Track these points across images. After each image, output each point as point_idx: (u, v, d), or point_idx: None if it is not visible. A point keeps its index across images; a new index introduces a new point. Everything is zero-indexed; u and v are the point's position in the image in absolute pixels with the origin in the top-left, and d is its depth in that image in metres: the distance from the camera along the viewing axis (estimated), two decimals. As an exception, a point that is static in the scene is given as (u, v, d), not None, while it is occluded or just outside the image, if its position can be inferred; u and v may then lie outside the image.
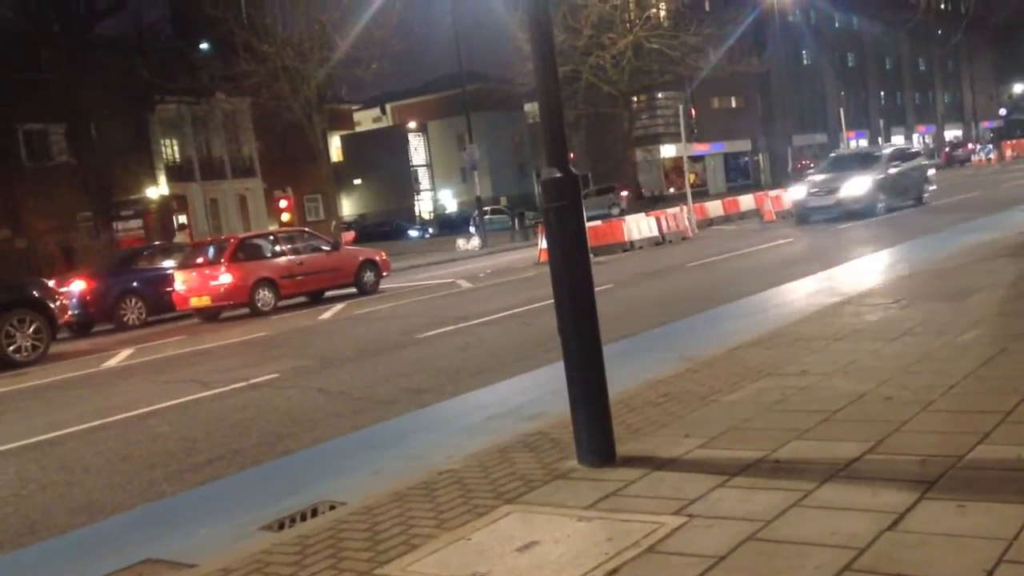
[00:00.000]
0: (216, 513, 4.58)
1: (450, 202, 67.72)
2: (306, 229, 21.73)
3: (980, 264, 9.23)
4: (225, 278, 16.13)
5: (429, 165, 68.92)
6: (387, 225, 52.86)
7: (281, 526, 4.09)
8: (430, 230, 53.93)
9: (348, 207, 62.20)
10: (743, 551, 2.93)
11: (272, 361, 9.94)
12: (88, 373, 11.19)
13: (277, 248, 17.35)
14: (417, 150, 68.19)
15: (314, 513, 4.20)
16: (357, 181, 62.87)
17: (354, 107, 61.36)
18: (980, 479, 3.28)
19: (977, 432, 3.75)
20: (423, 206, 67.78)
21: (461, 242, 32.84)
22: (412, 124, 67.24)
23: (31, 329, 12.79)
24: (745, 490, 3.49)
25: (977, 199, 22.35)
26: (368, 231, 49.62)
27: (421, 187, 68.60)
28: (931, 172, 23.39)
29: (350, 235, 38.66)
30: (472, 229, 35.58)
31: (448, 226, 50.17)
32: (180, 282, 16.72)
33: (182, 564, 3.76)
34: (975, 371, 4.85)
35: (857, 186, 20.12)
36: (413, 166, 67.46)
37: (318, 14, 30.36)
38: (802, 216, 21.14)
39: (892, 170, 21.05)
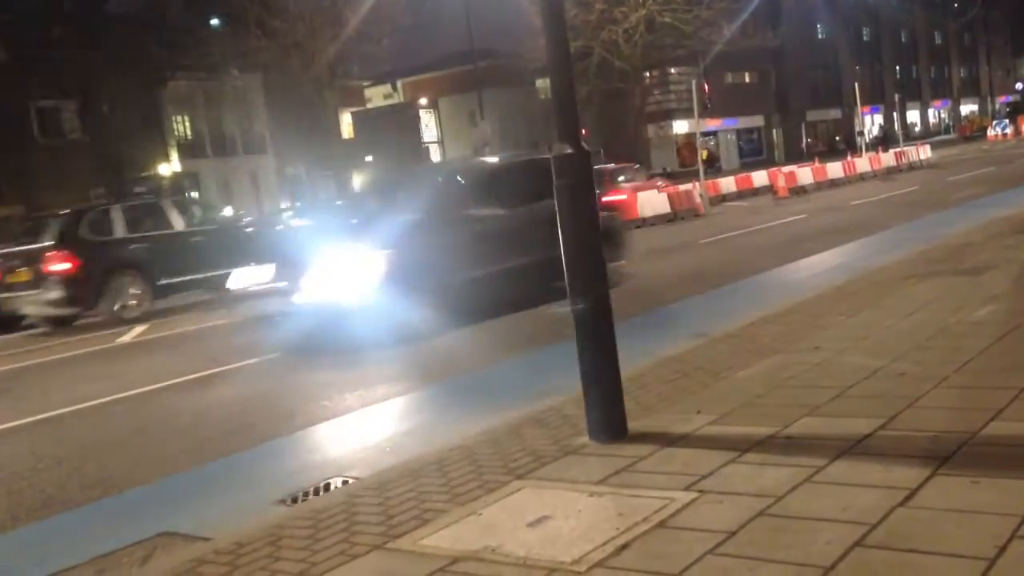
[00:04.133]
0: (231, 487, 4.62)
1: (462, 179, 67.55)
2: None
3: (995, 240, 9.16)
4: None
5: (440, 142, 68.75)
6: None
7: (295, 500, 4.12)
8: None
9: (360, 185, 62.17)
10: (753, 526, 2.93)
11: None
12: (102, 349, 11.26)
13: None
14: (428, 126, 67.97)
15: (328, 488, 4.23)
16: (368, 158, 62.83)
17: (365, 83, 61.20)
18: (993, 455, 3.26)
19: (990, 408, 3.73)
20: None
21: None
22: (423, 100, 67.02)
23: None
24: (756, 466, 3.49)
25: (993, 174, 22.14)
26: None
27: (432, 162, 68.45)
28: None
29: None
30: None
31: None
32: None
33: (197, 537, 3.79)
34: (989, 347, 4.82)
35: None
36: (424, 143, 67.29)
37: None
38: None
39: None
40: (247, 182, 41.87)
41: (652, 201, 22.27)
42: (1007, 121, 54.67)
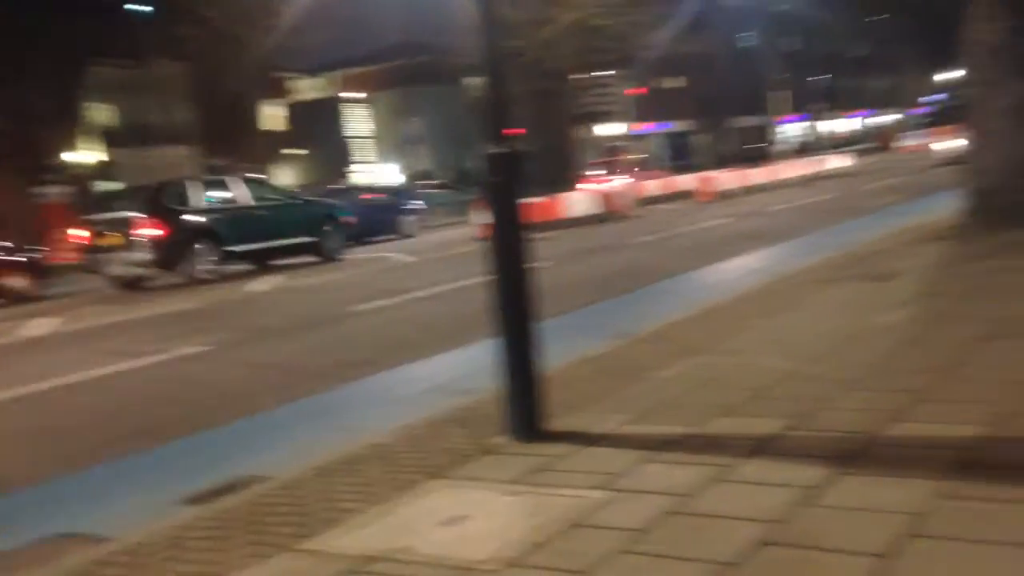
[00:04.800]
0: (135, 487, 4.48)
1: (396, 176, 67.10)
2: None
3: (905, 247, 9.46)
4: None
5: (373, 136, 68.12)
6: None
7: (202, 500, 4.00)
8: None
9: (287, 178, 61.25)
10: (665, 524, 2.96)
11: (200, 333, 9.74)
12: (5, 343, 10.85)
13: None
14: (360, 121, 67.30)
15: (236, 488, 4.12)
16: (298, 151, 61.87)
17: (297, 76, 60.24)
18: (894, 455, 3.35)
19: (894, 410, 3.84)
20: (363, 179, 67.03)
21: (401, 216, 32.53)
22: (356, 94, 66.31)
23: None
24: (670, 465, 3.53)
25: (907, 183, 22.89)
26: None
27: (366, 159, 67.80)
28: None
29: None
30: (413, 203, 35.24)
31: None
32: None
33: (97, 538, 3.66)
34: (895, 351, 4.96)
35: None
36: (356, 137, 66.61)
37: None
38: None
39: None
40: (168, 173, 40.80)
41: (581, 202, 22.45)
42: (923, 130, 56.53)
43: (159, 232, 15.22)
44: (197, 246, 15.67)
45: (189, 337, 9.39)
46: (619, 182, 29.60)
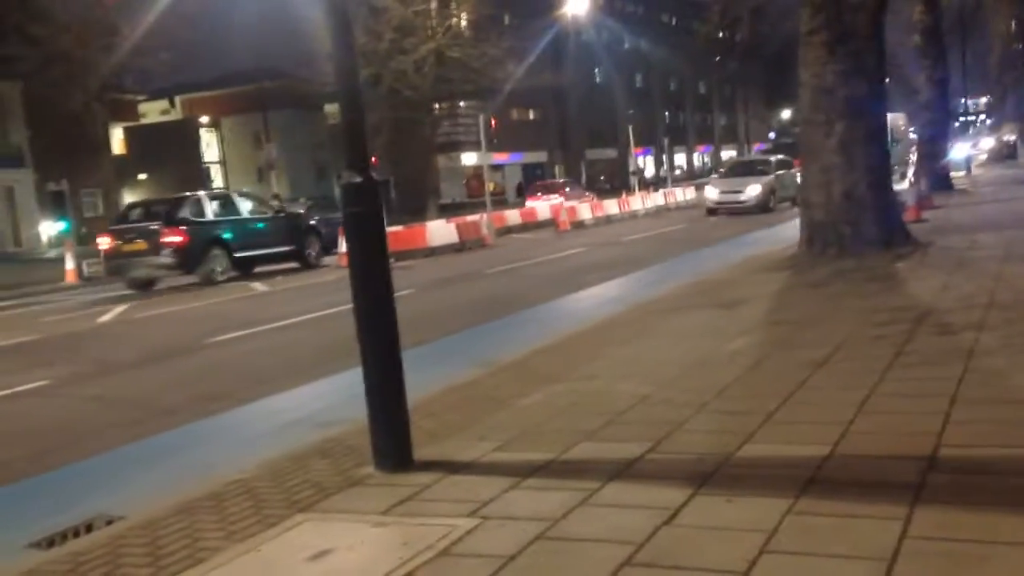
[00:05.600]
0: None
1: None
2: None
3: (749, 276, 10.02)
4: None
5: (223, 162, 66.13)
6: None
7: (52, 543, 3.79)
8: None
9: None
10: (532, 550, 3.03)
11: (42, 367, 9.18)
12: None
13: None
14: (210, 146, 65.24)
15: (89, 529, 3.93)
16: (142, 176, 59.31)
17: (140, 98, 57.87)
18: (746, 475, 3.56)
19: (745, 432, 4.08)
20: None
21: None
22: (205, 118, 64.28)
23: None
24: (536, 491, 3.62)
25: (750, 216, 24.18)
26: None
27: (214, 185, 65.76)
28: (798, 178, 25.91)
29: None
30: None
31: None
32: None
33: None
34: (743, 375, 5.26)
35: (755, 189, 25.01)
36: (205, 162, 64.49)
37: (100, -1, 28.42)
38: (712, 211, 25.82)
39: (779, 176, 25.76)
40: (4, 196, 38.28)
41: (441, 231, 22.55)
42: None
43: (180, 239, 17.51)
44: (213, 252, 18.02)
45: (31, 371, 8.84)
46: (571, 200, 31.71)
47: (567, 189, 38.02)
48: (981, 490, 3.14)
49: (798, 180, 23.99)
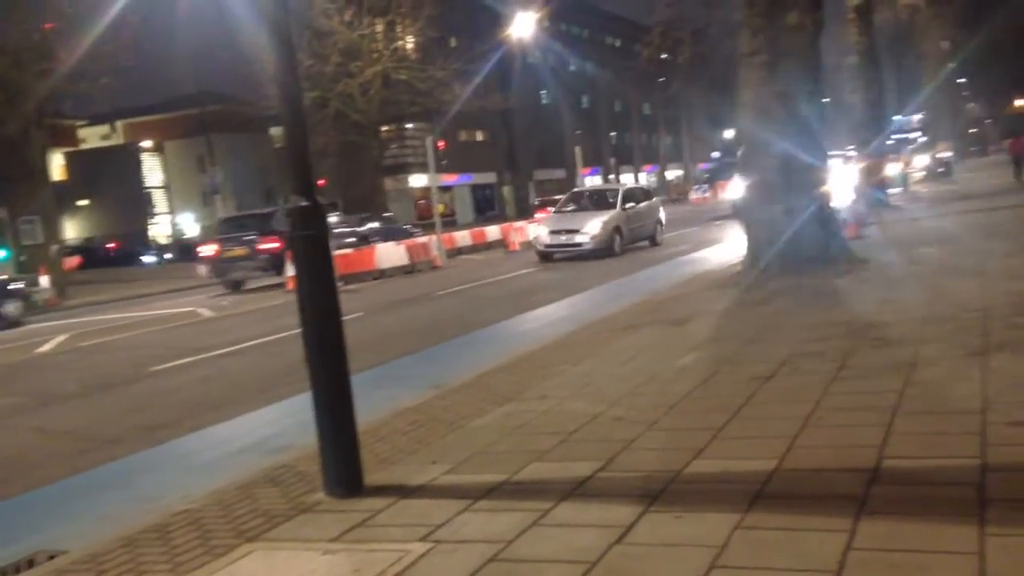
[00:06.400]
0: None
1: (190, 226, 64.33)
2: None
3: (697, 293, 10.16)
4: None
5: (166, 187, 65.14)
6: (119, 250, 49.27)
7: (-10, 583, 3.68)
8: (167, 255, 50.81)
9: (73, 230, 57.34)
10: (485, 573, 3.03)
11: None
12: None
13: None
14: (152, 170, 64.24)
15: (31, 564, 3.83)
16: (83, 202, 58.14)
17: (80, 123, 56.91)
18: (695, 491, 3.61)
19: (693, 448, 4.13)
20: (160, 230, 63.88)
21: (202, 269, 31.21)
22: (147, 143, 63.32)
23: None
24: (488, 513, 3.61)
25: (696, 233, 24.52)
26: (96, 256, 45.92)
27: (157, 210, 64.67)
28: (662, 213, 23.13)
29: (74, 261, 35.67)
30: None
31: (188, 252, 47.63)
32: None
33: None
34: (692, 391, 5.33)
35: (595, 226, 19.77)
36: (147, 187, 63.45)
37: (39, 23, 27.82)
38: (544, 255, 20.54)
39: (628, 210, 20.98)
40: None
41: (391, 253, 22.46)
42: (707, 185, 60.84)
43: (276, 246, 20.45)
44: None
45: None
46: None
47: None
48: (922, 500, 3.22)
49: (660, 215, 22.48)
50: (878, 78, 23.30)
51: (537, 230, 21.70)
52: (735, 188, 23.43)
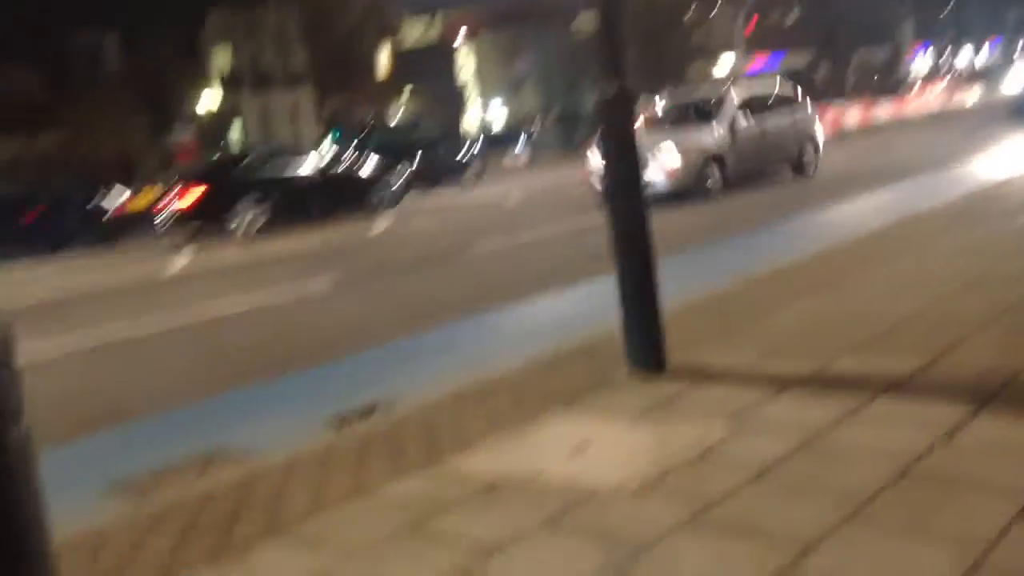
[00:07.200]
0: (276, 411, 4.76)
1: (499, 117, 66.94)
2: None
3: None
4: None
5: (477, 78, 67.94)
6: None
7: (341, 424, 4.22)
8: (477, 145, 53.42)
9: (402, 120, 61.83)
10: (794, 459, 2.96)
11: (325, 271, 10.10)
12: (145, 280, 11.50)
13: None
14: (465, 63, 67.15)
15: (372, 413, 4.33)
16: (403, 93, 62.33)
17: (406, 18, 60.45)
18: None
19: (1036, 350, 3.71)
20: (471, 120, 67.14)
21: (509, 160, 32.48)
22: (461, 35, 66.08)
23: None
24: (797, 402, 3.51)
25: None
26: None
27: (469, 101, 67.82)
28: (818, 128, 15.77)
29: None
30: (521, 146, 35.16)
31: (497, 142, 49.70)
32: None
33: (248, 453, 3.92)
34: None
35: (671, 155, 12.95)
36: (460, 80, 66.56)
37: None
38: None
39: (741, 126, 13.91)
40: (287, 116, 41.73)
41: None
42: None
43: None
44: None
45: (317, 275, 9.78)
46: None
47: None
48: None
49: (815, 130, 15.04)
50: None
51: (592, 161, 13.34)
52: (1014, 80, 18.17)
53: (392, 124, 37.01)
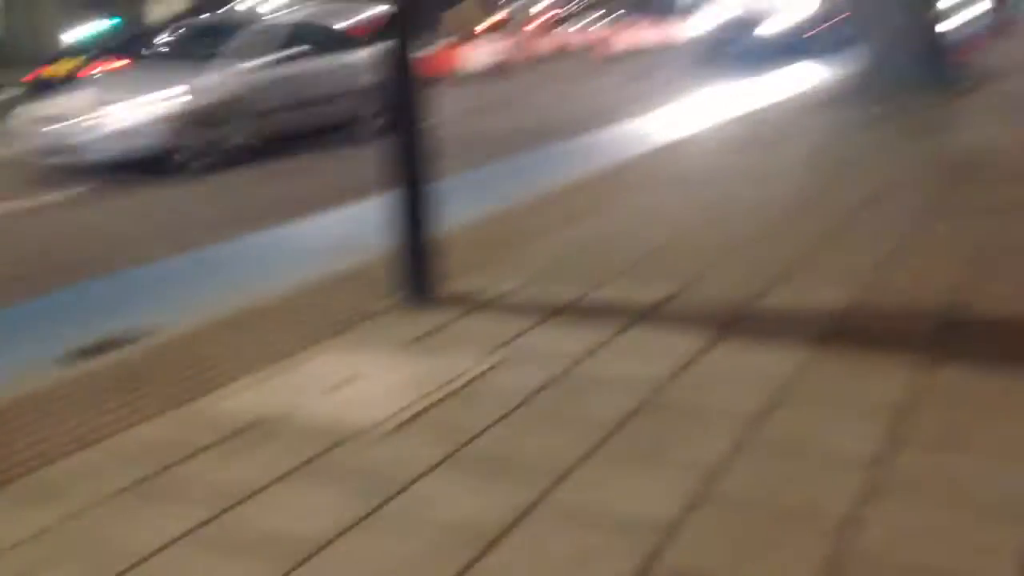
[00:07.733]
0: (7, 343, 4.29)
1: None
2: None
3: (802, 115, 9.58)
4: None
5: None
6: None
7: (74, 361, 3.84)
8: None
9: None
10: (550, 390, 3.04)
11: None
12: None
13: None
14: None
15: (112, 347, 3.97)
16: None
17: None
18: (768, 322, 3.53)
19: (771, 277, 4.01)
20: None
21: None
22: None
23: None
24: (560, 330, 3.61)
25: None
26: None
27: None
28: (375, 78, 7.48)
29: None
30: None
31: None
32: None
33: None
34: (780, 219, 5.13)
35: (135, 111, 8.96)
36: None
37: None
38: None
39: (256, 72, 9.89)
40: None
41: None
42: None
43: None
44: None
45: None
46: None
47: None
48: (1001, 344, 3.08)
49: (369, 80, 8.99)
50: None
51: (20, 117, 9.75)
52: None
53: None
